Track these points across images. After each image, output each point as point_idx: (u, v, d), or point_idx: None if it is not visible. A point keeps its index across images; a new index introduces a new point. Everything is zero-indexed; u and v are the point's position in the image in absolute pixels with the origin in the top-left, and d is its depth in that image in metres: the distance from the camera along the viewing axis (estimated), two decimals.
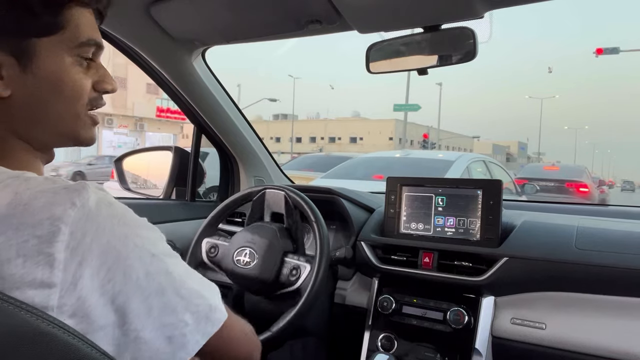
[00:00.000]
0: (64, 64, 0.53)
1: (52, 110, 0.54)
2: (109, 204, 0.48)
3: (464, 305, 1.13)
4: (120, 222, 0.48)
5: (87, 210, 0.46)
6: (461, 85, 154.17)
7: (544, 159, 52.07)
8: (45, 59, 0.52)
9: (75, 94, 0.55)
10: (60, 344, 0.42)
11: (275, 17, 1.11)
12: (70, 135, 0.57)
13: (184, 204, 1.60)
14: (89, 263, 0.45)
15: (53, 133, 0.56)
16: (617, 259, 1.01)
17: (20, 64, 0.51)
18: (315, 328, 1.30)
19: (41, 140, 0.56)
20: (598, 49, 15.49)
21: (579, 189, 8.22)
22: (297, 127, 50.56)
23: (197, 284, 0.53)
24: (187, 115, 1.54)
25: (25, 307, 0.41)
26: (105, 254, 0.46)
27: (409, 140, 37.99)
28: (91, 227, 0.45)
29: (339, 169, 4.82)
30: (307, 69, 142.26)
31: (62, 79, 0.53)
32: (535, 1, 0.94)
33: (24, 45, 0.50)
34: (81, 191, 0.47)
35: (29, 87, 0.52)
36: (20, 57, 0.50)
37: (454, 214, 1.22)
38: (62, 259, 0.44)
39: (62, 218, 0.44)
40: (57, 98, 0.53)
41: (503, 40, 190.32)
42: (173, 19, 1.17)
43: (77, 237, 0.44)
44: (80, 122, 0.57)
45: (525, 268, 1.09)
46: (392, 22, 1.06)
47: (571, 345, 1.02)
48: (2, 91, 0.50)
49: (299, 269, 1.11)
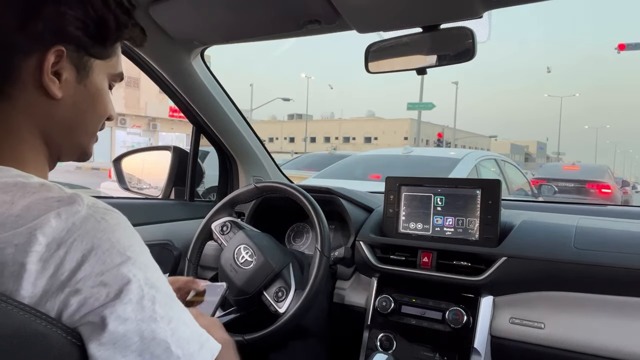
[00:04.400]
0: (104, 86, 0.61)
1: (85, 122, 0.60)
2: (99, 219, 0.47)
3: (463, 305, 1.13)
4: (105, 237, 0.46)
5: (71, 223, 0.45)
6: (479, 85, 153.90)
7: (564, 159, 51.44)
8: (96, 77, 0.59)
9: (104, 114, 0.62)
10: (58, 345, 0.42)
11: (274, 16, 1.11)
12: (82, 149, 0.62)
13: (182, 203, 1.60)
14: (58, 277, 0.43)
15: (75, 143, 0.60)
16: (616, 258, 1.01)
17: (79, 75, 0.57)
18: (315, 327, 1.31)
19: (64, 146, 0.59)
20: (620, 45, 15.30)
21: (600, 190, 7.75)
22: (312, 127, 50.57)
23: (179, 323, 0.49)
24: (185, 114, 1.54)
25: (24, 308, 0.41)
26: (77, 268, 0.44)
27: (424, 140, 37.86)
28: (69, 239, 0.44)
29: (334, 167, 4.59)
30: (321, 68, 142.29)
31: (100, 98, 0.60)
32: (535, 1, 0.94)
33: (85, 60, 0.57)
34: (72, 204, 0.47)
35: (77, 96, 0.57)
36: (80, 70, 0.57)
37: (453, 213, 1.22)
38: (33, 270, 0.43)
39: (42, 228, 0.44)
40: (92, 113, 0.60)
41: (522, 38, 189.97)
42: (172, 19, 1.17)
43: (52, 248, 0.44)
44: (93, 140, 0.63)
45: (524, 268, 1.09)
46: (391, 22, 1.06)
47: (570, 344, 1.02)
48: (57, 91, 0.55)
49: (284, 292, 1.11)
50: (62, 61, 0.54)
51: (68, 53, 0.54)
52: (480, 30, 0.98)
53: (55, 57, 0.53)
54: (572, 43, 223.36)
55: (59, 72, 0.54)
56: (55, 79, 0.54)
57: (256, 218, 1.49)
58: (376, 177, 3.74)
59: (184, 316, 0.50)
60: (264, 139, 1.78)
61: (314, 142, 51.11)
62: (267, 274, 1.12)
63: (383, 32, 1.08)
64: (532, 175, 7.79)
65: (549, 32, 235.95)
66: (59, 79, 0.55)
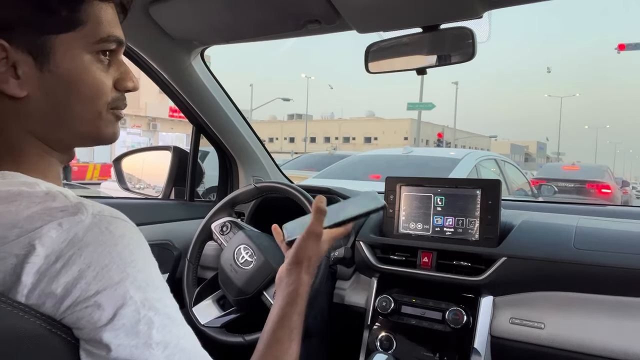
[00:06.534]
0: (82, 62, 0.51)
1: (72, 110, 0.51)
2: (103, 230, 0.45)
3: (463, 305, 1.13)
4: (106, 251, 0.44)
5: (73, 234, 0.43)
6: (479, 85, 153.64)
7: (564, 159, 51.24)
8: (63, 57, 0.49)
9: (96, 93, 0.52)
10: (55, 344, 0.42)
11: (274, 16, 1.11)
12: (91, 135, 0.54)
13: (182, 203, 1.60)
14: (52, 291, 0.42)
15: (73, 133, 0.53)
16: (616, 258, 1.01)
17: (37, 62, 0.48)
18: (315, 327, 1.30)
19: (61, 141, 0.53)
20: (620, 45, 15.31)
21: (600, 190, 7.74)
22: (312, 127, 50.55)
23: (177, 349, 0.47)
24: (185, 115, 1.54)
25: (22, 308, 0.41)
26: (73, 285, 0.42)
27: (424, 140, 37.84)
28: (68, 253, 0.42)
29: (334, 167, 4.54)
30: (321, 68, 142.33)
31: (81, 78, 0.51)
32: (535, 1, 0.94)
33: (40, 42, 0.48)
34: (76, 213, 0.44)
35: (47, 86, 0.49)
36: (37, 55, 0.48)
37: (452, 213, 1.22)
38: (28, 283, 0.42)
39: (42, 239, 0.42)
40: (76, 98, 0.51)
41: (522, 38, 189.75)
42: (172, 19, 1.16)
43: (50, 260, 0.42)
44: (102, 121, 0.54)
45: (523, 268, 1.09)
46: (391, 22, 1.05)
47: (570, 344, 1.02)
48: (19, 91, 0.48)
49: None
50: (10, 54, 0.47)
51: (12, 42, 0.47)
52: (480, 30, 0.98)
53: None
54: (572, 43, 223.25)
55: (14, 66, 0.48)
56: (10, 77, 0.48)
57: (256, 218, 1.49)
58: (376, 177, 3.71)
59: (182, 342, 0.46)
60: (264, 139, 1.78)
61: (314, 142, 51.12)
62: (267, 274, 1.12)
63: (383, 32, 1.08)
64: (532, 175, 7.75)
65: (549, 32, 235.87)
66: (15, 74, 0.48)
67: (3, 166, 0.49)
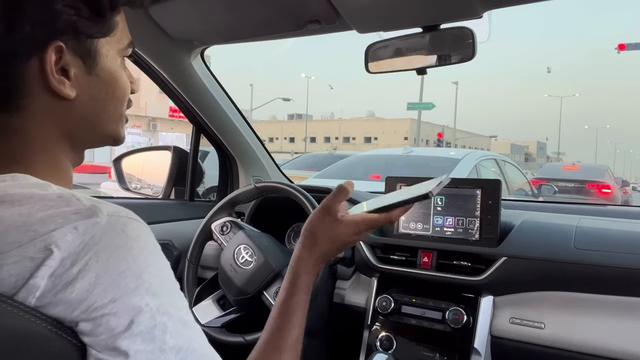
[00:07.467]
0: (117, 65, 0.55)
1: (107, 111, 0.55)
2: (120, 231, 0.45)
3: (463, 305, 1.13)
4: (122, 257, 0.44)
5: (89, 236, 0.43)
6: (479, 85, 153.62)
7: (564, 159, 51.31)
8: (105, 60, 0.53)
9: (125, 95, 0.56)
10: (58, 347, 0.42)
11: (274, 16, 1.11)
12: (113, 135, 0.57)
13: (182, 203, 1.60)
14: (66, 296, 0.42)
15: (101, 134, 0.56)
16: (616, 258, 1.01)
17: (86, 65, 0.51)
18: (315, 327, 1.30)
19: (88, 142, 0.56)
20: (620, 45, 15.28)
21: (600, 190, 7.75)
22: (312, 127, 50.60)
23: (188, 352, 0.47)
24: (185, 115, 1.54)
25: (23, 309, 0.41)
26: (89, 291, 0.42)
27: (424, 140, 37.85)
28: (85, 256, 0.42)
29: (334, 167, 4.54)
30: (321, 68, 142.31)
31: (117, 80, 0.55)
32: (535, 1, 0.94)
33: (88, 45, 0.50)
34: (91, 216, 0.44)
35: (92, 88, 0.52)
36: (86, 58, 0.51)
37: (453, 213, 1.22)
38: (42, 286, 0.42)
39: (58, 242, 0.42)
40: (111, 99, 0.54)
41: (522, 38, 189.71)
42: (172, 19, 1.17)
43: (66, 265, 0.42)
44: (122, 123, 0.57)
45: (524, 268, 1.09)
46: (391, 22, 1.06)
47: (570, 344, 1.02)
48: (70, 91, 0.50)
49: None
50: (65, 56, 0.49)
51: (68, 44, 0.49)
52: (480, 30, 0.98)
53: (55, 54, 0.48)
54: (572, 43, 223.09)
55: (65, 68, 0.49)
56: (64, 78, 0.50)
57: (256, 218, 1.49)
58: (376, 177, 3.71)
59: (193, 345, 0.47)
60: (264, 139, 1.78)
61: (314, 142, 51.16)
62: (267, 274, 1.12)
63: (383, 32, 1.08)
64: (532, 175, 7.74)
65: (549, 32, 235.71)
66: (67, 76, 0.50)
67: (14, 168, 0.49)
